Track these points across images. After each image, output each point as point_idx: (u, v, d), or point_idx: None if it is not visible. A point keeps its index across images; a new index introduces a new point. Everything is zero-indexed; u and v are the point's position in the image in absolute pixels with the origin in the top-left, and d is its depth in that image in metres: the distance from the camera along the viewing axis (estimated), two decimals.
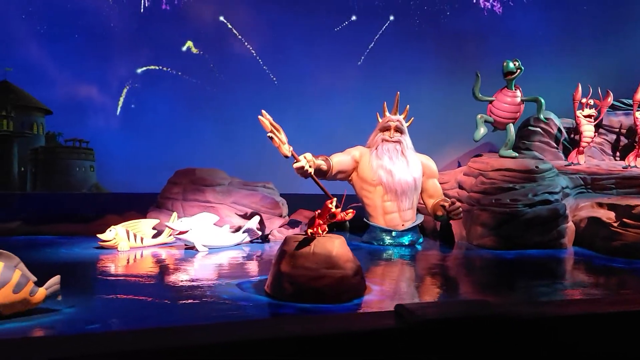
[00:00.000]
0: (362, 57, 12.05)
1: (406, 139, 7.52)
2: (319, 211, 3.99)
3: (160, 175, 10.17)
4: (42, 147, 10.39)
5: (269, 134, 4.77)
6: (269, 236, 7.55)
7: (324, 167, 6.88)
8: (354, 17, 12.48)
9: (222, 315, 3.42)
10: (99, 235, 6.47)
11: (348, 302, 3.67)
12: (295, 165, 5.56)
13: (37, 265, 3.63)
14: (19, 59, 9.97)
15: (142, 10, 10.75)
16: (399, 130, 7.46)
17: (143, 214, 8.53)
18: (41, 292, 3.38)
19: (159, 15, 10.90)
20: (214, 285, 4.37)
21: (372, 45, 12.36)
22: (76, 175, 10.58)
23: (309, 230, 3.92)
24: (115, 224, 8.03)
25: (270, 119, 4.75)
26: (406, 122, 7.67)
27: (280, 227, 7.80)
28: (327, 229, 4.01)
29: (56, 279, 3.50)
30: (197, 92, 11.07)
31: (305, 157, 5.97)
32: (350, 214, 4.04)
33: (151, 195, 9.26)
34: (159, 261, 5.90)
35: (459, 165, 9.59)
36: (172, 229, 6.61)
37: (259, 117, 4.67)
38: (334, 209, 3.95)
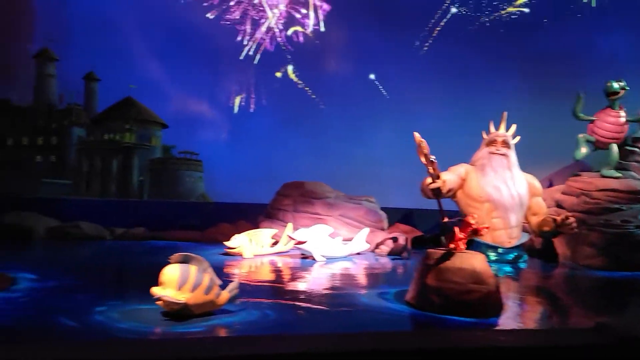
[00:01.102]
0: (452, 76, 12.23)
1: (512, 155, 7.67)
2: (460, 227, 4.26)
3: (259, 187, 10.84)
4: (157, 158, 11.24)
5: (426, 158, 4.78)
6: (376, 249, 7.85)
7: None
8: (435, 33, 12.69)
9: (380, 323, 3.76)
10: (225, 243, 7.02)
11: (494, 317, 3.90)
12: (432, 185, 5.69)
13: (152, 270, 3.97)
14: (141, 77, 10.93)
15: (246, 32, 11.47)
16: (506, 144, 7.63)
17: (252, 223, 9.12)
18: (225, 294, 3.80)
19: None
20: (355, 294, 4.75)
21: (460, 63, 12.53)
22: (186, 184, 11.36)
23: (451, 245, 4.19)
24: (228, 232, 8.71)
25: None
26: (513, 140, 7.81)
27: (385, 240, 8.11)
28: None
29: (235, 283, 3.94)
30: (296, 109, 11.67)
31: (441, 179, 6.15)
32: (485, 230, 4.30)
33: (254, 206, 9.86)
34: (286, 268, 6.40)
35: (550, 184, 9.55)
36: (292, 239, 7.09)
37: (417, 137, 4.71)
38: (475, 225, 4.21)
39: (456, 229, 4.29)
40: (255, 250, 7.11)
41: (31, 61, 10.27)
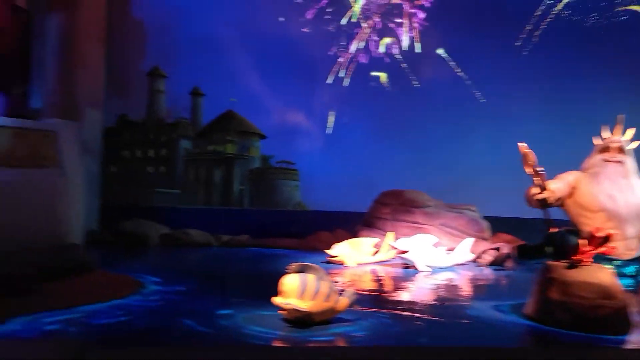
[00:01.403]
0: (557, 78, 11.65)
1: (630, 162, 7.15)
2: (585, 240, 4.04)
3: (355, 195, 10.92)
4: (256, 168, 11.68)
5: (532, 169, 4.63)
6: (478, 259, 7.63)
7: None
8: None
9: (503, 337, 3.65)
10: (327, 251, 7.15)
11: (625, 334, 3.66)
12: (539, 196, 5.47)
13: (268, 275, 4.06)
14: (241, 90, 11.43)
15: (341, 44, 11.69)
16: (621, 151, 7.13)
17: (350, 232, 9.22)
18: (344, 301, 3.87)
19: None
20: (468, 305, 4.64)
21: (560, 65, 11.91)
22: (283, 193, 11.71)
23: (575, 258, 3.98)
24: (327, 240, 8.85)
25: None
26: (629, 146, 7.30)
27: (487, 249, 7.86)
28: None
29: (352, 289, 4.01)
30: (390, 117, 11.67)
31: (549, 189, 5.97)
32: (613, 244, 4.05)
33: (350, 214, 9.96)
34: (389, 278, 6.36)
35: None
36: (394, 248, 7.08)
37: (522, 147, 4.58)
38: (602, 236, 3.98)
39: (581, 241, 4.08)
40: (357, 258, 7.15)
41: (144, 78, 11.05)
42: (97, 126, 8.40)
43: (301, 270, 3.83)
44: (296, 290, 3.65)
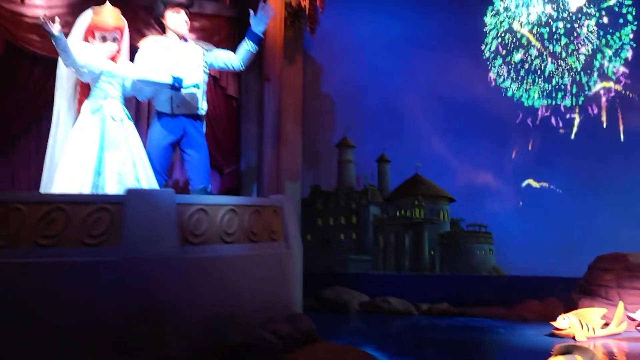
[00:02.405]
0: None
1: None
2: None
3: (558, 259, 10.02)
4: (446, 232, 11.45)
5: None
6: None
7: None
8: None
9: None
10: (552, 323, 6.50)
11: None
12: None
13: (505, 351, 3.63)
14: (426, 154, 11.47)
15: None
16: None
17: (562, 300, 8.35)
18: None
19: None
20: None
21: None
22: (476, 258, 11.23)
23: None
24: (536, 309, 8.17)
25: None
26: None
27: None
28: None
29: None
30: (590, 172, 10.77)
31: None
32: None
33: (555, 280, 9.04)
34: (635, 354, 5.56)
35: None
36: (632, 319, 6.25)
37: None
38: None
39: None
40: (587, 332, 6.38)
41: (333, 149, 11.63)
42: (296, 198, 8.94)
43: (567, 351, 3.49)
44: None
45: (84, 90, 5.51)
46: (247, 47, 5.96)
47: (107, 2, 5.57)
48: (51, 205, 4.33)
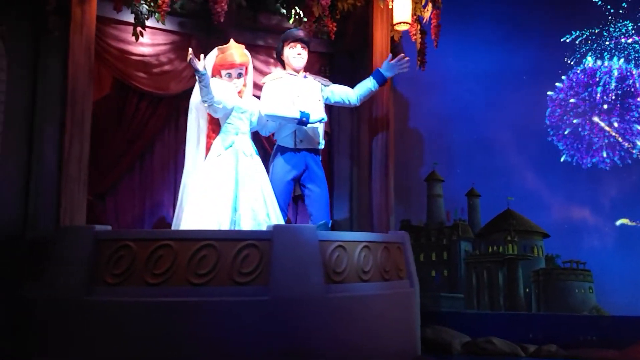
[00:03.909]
0: None
1: None
2: None
3: None
4: (542, 269, 11.02)
5: None
6: None
7: None
8: None
9: None
10: None
11: None
12: None
13: None
14: (518, 188, 11.19)
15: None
16: None
17: None
18: None
19: None
20: None
21: None
22: (575, 296, 10.72)
23: None
24: None
25: None
26: None
27: None
28: None
29: None
30: None
31: None
32: None
33: None
34: None
35: None
36: None
37: None
38: None
39: None
40: None
41: (422, 184, 11.50)
42: None
43: None
44: None
45: (213, 126, 5.65)
46: (369, 85, 6.03)
47: (232, 40, 5.75)
48: (201, 242, 4.37)
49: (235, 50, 5.52)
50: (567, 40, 11.38)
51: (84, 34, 5.68)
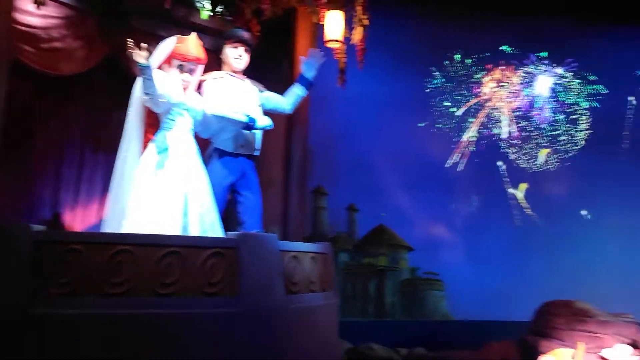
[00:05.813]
0: None
1: None
2: None
3: (496, 304, 11.20)
4: (407, 279, 12.10)
5: None
6: None
7: None
8: None
9: None
10: None
11: None
12: None
13: None
14: (390, 205, 12.21)
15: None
16: None
17: (517, 341, 9.30)
18: None
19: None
20: None
21: None
22: (430, 304, 11.99)
23: None
24: (500, 351, 9.00)
25: None
26: None
27: None
28: None
29: None
30: (525, 226, 12.34)
31: None
32: None
33: (497, 323, 10.15)
34: None
35: None
36: (604, 359, 7.27)
37: None
38: None
39: None
40: None
41: (309, 196, 11.88)
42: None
43: None
44: None
45: (151, 121, 5.23)
46: (297, 91, 5.81)
47: (194, 33, 5.35)
48: (166, 249, 4.11)
49: (194, 43, 5.20)
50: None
51: None
